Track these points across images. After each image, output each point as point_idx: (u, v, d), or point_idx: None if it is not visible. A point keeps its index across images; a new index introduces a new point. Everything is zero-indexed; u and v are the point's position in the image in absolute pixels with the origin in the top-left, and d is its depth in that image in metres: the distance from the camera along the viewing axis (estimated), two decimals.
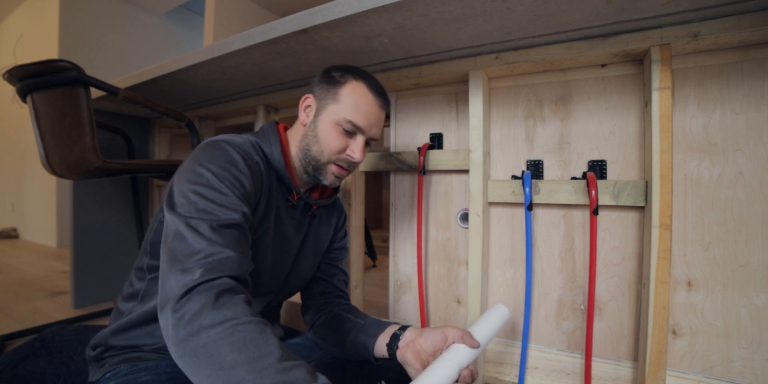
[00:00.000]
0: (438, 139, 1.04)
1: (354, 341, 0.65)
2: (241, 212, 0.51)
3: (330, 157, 0.64)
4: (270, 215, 0.64)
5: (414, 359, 0.57)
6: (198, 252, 0.45)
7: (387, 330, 0.64)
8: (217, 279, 0.43)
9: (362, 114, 0.63)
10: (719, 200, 0.73)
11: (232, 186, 0.53)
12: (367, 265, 2.19)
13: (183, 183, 0.52)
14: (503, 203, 0.94)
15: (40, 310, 1.53)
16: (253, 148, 0.62)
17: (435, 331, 0.59)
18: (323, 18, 0.71)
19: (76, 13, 3.09)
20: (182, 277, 0.43)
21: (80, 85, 0.90)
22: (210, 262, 0.44)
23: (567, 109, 0.88)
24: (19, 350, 0.96)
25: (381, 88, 0.66)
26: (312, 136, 0.64)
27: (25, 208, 3.53)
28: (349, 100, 0.63)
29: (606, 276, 0.83)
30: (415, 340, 0.60)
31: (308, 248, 0.75)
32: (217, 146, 0.57)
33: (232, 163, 0.55)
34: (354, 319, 0.70)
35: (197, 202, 0.49)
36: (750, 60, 0.71)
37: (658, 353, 0.71)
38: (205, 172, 0.52)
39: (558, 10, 0.66)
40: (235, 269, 0.46)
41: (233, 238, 0.48)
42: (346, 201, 1.09)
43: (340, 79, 0.64)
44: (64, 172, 0.96)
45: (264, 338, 0.40)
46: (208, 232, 0.47)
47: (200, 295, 0.41)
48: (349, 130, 0.63)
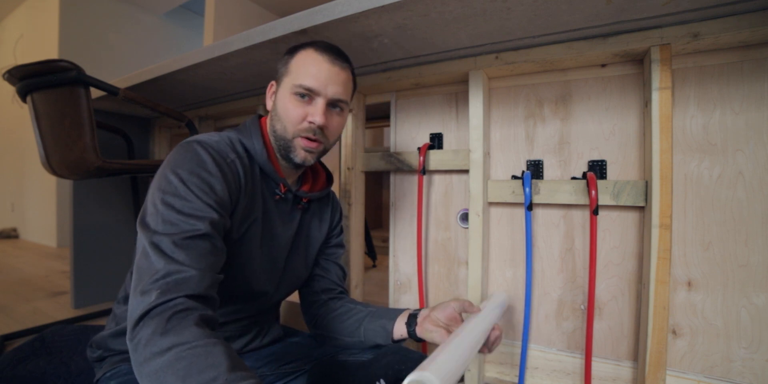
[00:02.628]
0: (438, 139, 1.04)
1: (370, 327, 0.70)
2: (208, 220, 0.51)
3: (293, 130, 0.61)
4: (255, 211, 0.63)
5: (434, 327, 0.63)
6: (156, 272, 0.45)
7: (403, 313, 0.70)
8: (172, 300, 0.44)
9: (311, 75, 0.60)
10: (719, 200, 0.73)
11: (201, 191, 0.52)
12: (367, 265, 2.19)
13: (154, 190, 0.52)
14: (503, 203, 0.94)
15: (40, 310, 1.53)
16: (231, 145, 0.61)
17: (442, 304, 0.68)
18: (323, 18, 0.71)
19: (76, 13, 3.09)
20: (141, 300, 0.44)
21: (80, 85, 0.90)
22: (167, 282, 0.45)
23: (567, 109, 0.88)
24: (19, 350, 0.96)
25: (332, 47, 0.63)
26: (275, 116, 0.63)
27: (25, 208, 3.53)
28: (297, 66, 0.61)
29: (606, 276, 0.83)
30: (429, 315, 0.67)
31: (301, 244, 0.74)
32: (188, 148, 0.56)
33: (202, 165, 0.54)
34: (364, 308, 0.74)
35: (163, 213, 0.49)
36: (750, 60, 0.71)
37: (658, 353, 0.71)
38: (174, 178, 0.52)
39: (558, 10, 0.66)
40: (194, 288, 0.46)
41: (197, 252, 0.48)
42: (346, 201, 1.09)
43: (292, 52, 0.63)
44: (64, 172, 0.96)
45: (210, 363, 0.39)
46: (170, 248, 0.47)
47: (152, 321, 0.42)
48: (303, 95, 0.60)
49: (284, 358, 0.70)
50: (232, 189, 0.57)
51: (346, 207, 1.09)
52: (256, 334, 0.72)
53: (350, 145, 1.09)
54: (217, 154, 0.57)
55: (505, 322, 0.94)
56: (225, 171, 0.56)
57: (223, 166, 0.56)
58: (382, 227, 3.20)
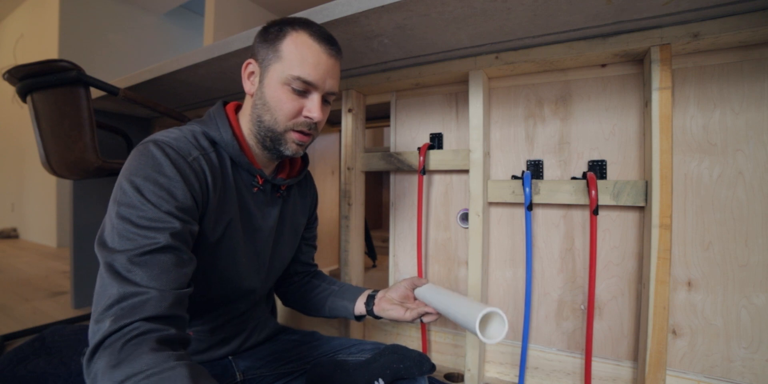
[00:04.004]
0: (438, 139, 1.04)
1: (333, 306, 0.76)
2: (168, 231, 0.46)
3: (286, 123, 0.57)
4: (231, 208, 0.59)
5: (390, 305, 0.70)
6: (110, 297, 0.42)
7: (363, 294, 0.75)
8: (126, 326, 0.40)
9: (310, 66, 0.56)
10: (719, 200, 0.73)
11: (158, 198, 0.47)
12: (367, 265, 2.19)
13: (111, 203, 0.48)
14: (503, 203, 0.94)
15: (40, 310, 1.53)
16: (194, 139, 0.55)
17: (395, 285, 0.74)
18: (323, 18, 0.71)
19: (76, 13, 3.09)
20: (95, 330, 0.41)
21: (80, 85, 0.90)
22: (122, 308, 0.41)
23: (567, 109, 0.88)
24: (19, 350, 0.96)
25: (327, 34, 0.59)
26: (261, 105, 0.58)
27: (25, 208, 3.53)
28: (292, 54, 0.55)
29: (606, 276, 0.83)
30: (384, 295, 0.73)
31: (286, 232, 0.72)
32: (143, 151, 0.51)
33: (157, 169, 0.49)
34: (328, 287, 0.79)
35: (119, 228, 0.45)
36: (750, 60, 0.71)
37: (658, 353, 0.71)
38: (129, 188, 0.47)
39: (558, 10, 0.66)
40: (152, 310, 0.42)
41: (157, 268, 0.44)
42: (346, 201, 1.09)
43: (279, 33, 0.57)
44: (64, 172, 0.96)
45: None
46: (126, 268, 0.43)
47: (105, 352, 0.39)
48: (300, 89, 0.56)
49: (283, 359, 0.70)
50: (196, 191, 0.52)
51: (346, 207, 1.09)
52: (252, 330, 0.72)
53: (350, 145, 1.09)
54: (175, 154, 0.51)
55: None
56: (186, 172, 0.51)
57: (183, 166, 0.51)
58: (382, 227, 3.20)
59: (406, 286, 0.73)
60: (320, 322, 1.19)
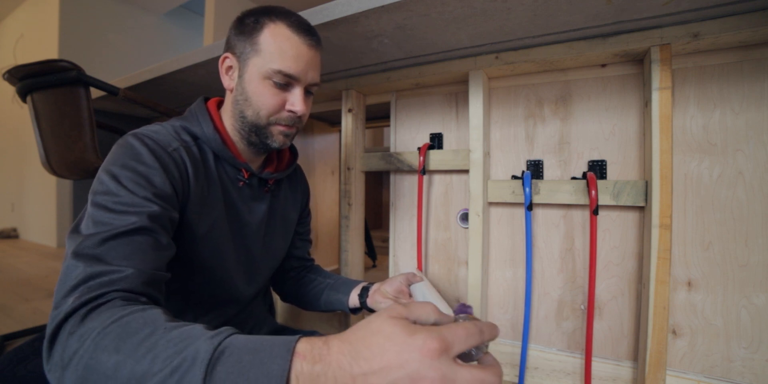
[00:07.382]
0: (438, 139, 1.04)
1: (328, 299, 0.76)
2: (146, 213, 0.44)
3: (269, 118, 0.57)
4: (216, 202, 0.57)
5: (383, 298, 0.69)
6: (75, 278, 0.37)
7: (357, 286, 0.75)
8: (94, 299, 0.35)
9: (290, 59, 0.55)
10: (719, 200, 0.73)
11: (135, 185, 0.45)
12: (367, 265, 2.19)
13: (90, 194, 0.46)
14: (503, 203, 0.94)
15: (40, 310, 1.53)
16: (175, 133, 0.55)
17: (391, 279, 0.73)
18: (323, 18, 0.71)
19: (76, 13, 3.09)
20: (54, 314, 0.35)
21: (80, 85, 0.90)
22: (89, 287, 0.36)
23: (567, 109, 0.88)
24: (19, 350, 0.95)
25: (306, 24, 0.57)
26: (243, 100, 0.57)
27: (25, 208, 3.53)
28: (271, 47, 0.54)
29: (606, 276, 0.83)
30: (379, 288, 0.71)
31: (277, 227, 0.71)
32: (124, 143, 0.50)
33: (136, 158, 0.48)
34: (324, 280, 0.79)
35: (93, 215, 0.43)
36: (750, 60, 0.71)
37: (658, 353, 0.71)
38: (105, 177, 0.46)
39: (558, 10, 0.66)
40: (125, 284, 0.38)
41: (132, 247, 0.41)
42: (347, 201, 1.09)
43: (256, 24, 0.56)
44: (64, 172, 0.96)
45: (143, 322, 0.32)
46: (95, 247, 0.39)
47: (65, 331, 0.33)
48: (281, 82, 0.55)
49: None
50: (176, 178, 0.51)
51: (346, 207, 1.09)
52: (251, 330, 0.71)
53: (350, 145, 1.09)
54: (154, 144, 0.50)
55: (505, 322, 0.94)
56: (165, 161, 0.50)
57: (163, 156, 0.50)
58: (382, 227, 3.20)
59: (402, 281, 0.73)
60: (320, 322, 1.19)
